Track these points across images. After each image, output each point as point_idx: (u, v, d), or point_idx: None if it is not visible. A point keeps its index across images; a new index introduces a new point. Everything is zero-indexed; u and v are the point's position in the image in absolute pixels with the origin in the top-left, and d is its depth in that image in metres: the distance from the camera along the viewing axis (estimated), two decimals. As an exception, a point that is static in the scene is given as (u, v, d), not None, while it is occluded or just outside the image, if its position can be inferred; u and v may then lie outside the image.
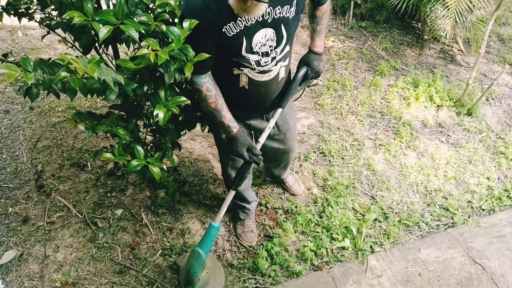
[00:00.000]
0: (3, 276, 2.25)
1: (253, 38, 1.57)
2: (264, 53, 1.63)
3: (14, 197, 2.65)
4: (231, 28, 1.52)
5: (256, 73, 1.70)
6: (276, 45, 1.63)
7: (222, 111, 1.74)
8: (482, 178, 3.09)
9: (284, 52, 1.72)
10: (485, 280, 2.44)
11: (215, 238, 2.04)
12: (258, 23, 1.54)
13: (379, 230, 2.67)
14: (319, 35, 1.91)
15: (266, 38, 1.59)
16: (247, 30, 1.54)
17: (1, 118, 3.20)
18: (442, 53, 4.52)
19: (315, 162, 3.09)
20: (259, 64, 1.65)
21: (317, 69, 1.93)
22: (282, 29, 1.61)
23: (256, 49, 1.60)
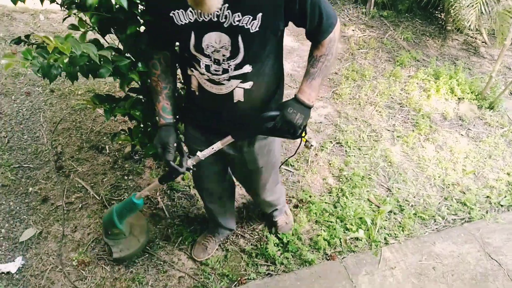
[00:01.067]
0: (23, 253, 2.32)
1: (204, 37, 1.38)
2: (216, 60, 1.43)
3: (34, 177, 2.71)
4: (180, 16, 1.36)
5: (205, 79, 1.50)
6: (230, 56, 1.41)
7: (159, 96, 1.60)
8: (502, 173, 3.03)
9: (241, 71, 1.46)
10: (501, 276, 2.40)
11: (131, 212, 2.02)
12: (213, 24, 1.35)
13: (394, 222, 2.65)
14: (309, 79, 1.50)
15: (220, 44, 1.38)
16: (198, 26, 1.36)
17: (23, 100, 3.26)
18: (465, 45, 4.41)
19: (331, 152, 3.08)
20: (208, 69, 1.46)
21: (289, 117, 1.47)
22: (239, 41, 1.37)
23: (207, 52, 1.41)
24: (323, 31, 1.44)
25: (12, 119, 3.08)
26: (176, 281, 2.27)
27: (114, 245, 2.24)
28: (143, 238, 2.32)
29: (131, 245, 2.27)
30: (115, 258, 2.24)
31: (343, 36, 4.29)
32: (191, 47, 1.42)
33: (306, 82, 1.51)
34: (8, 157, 2.80)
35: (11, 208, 2.52)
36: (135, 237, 2.29)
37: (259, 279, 2.30)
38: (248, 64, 1.45)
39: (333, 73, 3.79)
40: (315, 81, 1.50)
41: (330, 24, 1.44)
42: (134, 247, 2.27)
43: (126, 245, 2.26)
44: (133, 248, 2.27)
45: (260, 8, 1.32)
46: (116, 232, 2.18)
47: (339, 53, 4.05)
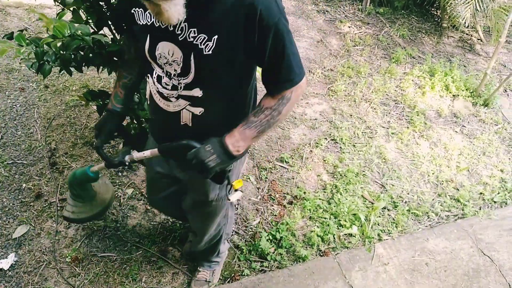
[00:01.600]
0: (15, 250, 2.31)
1: (158, 45, 1.27)
2: (168, 73, 1.31)
3: (28, 173, 2.70)
4: (140, 15, 1.28)
5: (155, 91, 1.39)
6: (180, 73, 1.28)
7: (117, 82, 1.54)
8: (495, 170, 3.05)
9: (191, 93, 1.32)
10: (493, 272, 2.42)
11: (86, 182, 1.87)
12: (168, 33, 1.23)
13: (387, 219, 2.66)
14: (244, 126, 1.30)
15: (173, 57, 1.26)
16: (153, 31, 1.26)
17: (17, 95, 3.24)
18: (460, 42, 4.42)
19: (325, 148, 3.08)
20: (159, 81, 1.35)
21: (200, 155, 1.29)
22: (191, 60, 1.24)
23: (160, 62, 1.30)
24: (279, 82, 1.28)
25: (5, 115, 3.07)
26: (170, 277, 2.28)
27: (69, 205, 2.08)
28: (96, 210, 2.14)
29: (82, 212, 2.11)
30: (63, 216, 2.10)
31: (339, 33, 4.29)
32: (146, 52, 1.32)
33: (240, 127, 1.31)
34: (1, 153, 2.79)
35: (4, 204, 2.51)
36: (91, 206, 2.13)
37: (253, 275, 2.30)
38: (199, 88, 1.31)
39: (329, 70, 3.79)
40: (250, 131, 1.30)
41: (290, 80, 1.27)
42: (84, 215, 2.11)
43: (79, 209, 2.10)
44: (82, 215, 2.11)
45: (217, 30, 1.19)
46: (74, 193, 2.02)
47: (335, 50, 4.05)
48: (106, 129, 1.53)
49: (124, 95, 1.55)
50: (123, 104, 1.56)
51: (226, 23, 1.18)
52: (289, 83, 1.27)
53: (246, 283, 2.24)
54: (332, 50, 4.04)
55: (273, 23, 1.16)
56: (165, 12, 1.13)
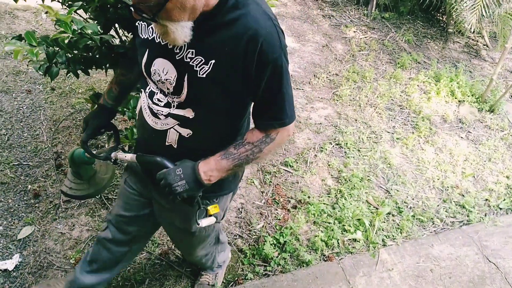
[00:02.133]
0: (20, 250, 2.32)
1: (155, 61, 1.25)
2: (162, 91, 1.28)
3: (34, 174, 2.71)
4: (142, 29, 1.28)
5: (146, 106, 1.35)
6: (173, 92, 1.25)
7: (114, 78, 1.55)
8: (501, 176, 3.03)
9: (183, 112, 1.27)
10: (498, 279, 2.40)
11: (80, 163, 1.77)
12: (166, 50, 1.22)
13: (392, 224, 2.65)
14: (222, 156, 1.27)
15: (166, 76, 1.23)
16: (152, 46, 1.25)
17: (23, 97, 3.27)
18: (466, 48, 4.41)
19: (330, 153, 3.08)
20: (151, 96, 1.31)
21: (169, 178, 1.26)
22: (185, 81, 1.21)
23: (154, 78, 1.27)
24: (268, 119, 1.26)
25: (12, 116, 3.09)
26: (173, 280, 2.27)
27: (68, 180, 2.03)
28: (93, 189, 2.09)
29: (79, 189, 2.07)
30: (61, 190, 2.06)
31: (344, 38, 4.29)
32: (142, 66, 1.30)
33: (218, 156, 1.27)
34: (7, 154, 2.81)
35: (9, 205, 2.53)
36: (88, 185, 2.08)
37: (256, 279, 2.30)
38: (191, 109, 1.26)
39: (334, 75, 3.79)
40: (227, 162, 1.27)
41: (279, 120, 1.25)
42: (80, 192, 2.06)
43: (77, 186, 2.06)
44: (79, 192, 2.06)
45: (216, 54, 1.16)
46: (74, 170, 1.97)
47: (340, 54, 4.05)
48: (94, 124, 1.51)
49: (118, 92, 1.53)
50: (115, 101, 1.54)
51: (226, 49, 1.15)
52: (277, 123, 1.25)
53: (249, 287, 2.23)
54: (337, 55, 4.04)
55: (273, 58, 1.15)
56: (171, 34, 1.12)
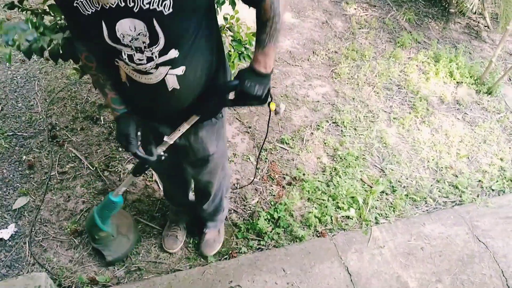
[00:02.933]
0: (15, 220, 2.34)
1: (117, 26, 1.22)
2: (138, 48, 1.28)
3: (28, 145, 2.70)
4: (84, 5, 1.21)
5: (132, 70, 1.35)
6: (150, 42, 1.26)
7: (105, 88, 1.48)
8: (495, 158, 3.05)
9: (167, 57, 1.31)
10: (486, 258, 2.44)
11: (113, 211, 1.92)
12: (120, 10, 1.19)
13: (385, 203, 2.67)
14: (261, 46, 1.40)
15: (137, 31, 1.23)
16: (105, 14, 1.21)
17: (18, 67, 3.22)
18: (467, 28, 4.36)
19: (326, 131, 3.07)
20: (131, 59, 1.31)
21: (247, 90, 1.40)
22: (156, 26, 1.23)
23: (125, 42, 1.26)
24: None
25: (6, 86, 3.05)
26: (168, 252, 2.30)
27: (105, 249, 2.15)
28: (132, 235, 2.24)
29: (122, 245, 2.19)
30: (109, 261, 2.16)
31: (345, 15, 4.23)
32: (106, 38, 1.26)
33: (259, 50, 1.41)
34: (2, 124, 2.79)
35: (4, 175, 2.53)
36: (124, 236, 2.21)
37: (250, 253, 2.33)
38: (174, 49, 1.30)
39: (333, 52, 3.75)
40: (267, 47, 1.39)
41: None
42: (126, 247, 2.20)
43: (117, 246, 2.17)
44: (125, 248, 2.20)
45: None
46: (103, 235, 2.08)
47: (340, 32, 4.00)
48: (131, 134, 1.49)
49: (119, 95, 1.51)
50: (124, 103, 1.52)
51: None
52: None
53: (243, 260, 2.27)
54: (337, 32, 3.99)
55: None
56: None
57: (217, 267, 2.22)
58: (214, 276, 2.18)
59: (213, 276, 2.17)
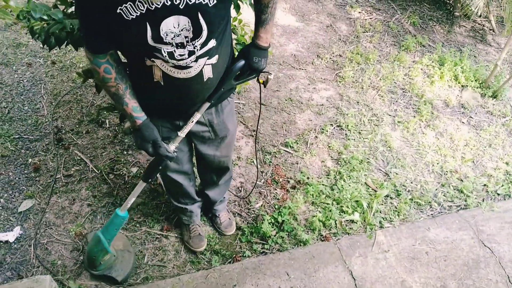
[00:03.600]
0: (21, 223, 2.35)
1: (161, 25, 1.27)
2: (179, 44, 1.34)
3: (34, 148, 2.72)
4: (129, 9, 1.23)
5: (170, 67, 1.41)
6: (193, 36, 1.33)
7: (124, 98, 1.50)
8: (500, 162, 3.03)
9: (207, 47, 1.41)
10: (492, 264, 2.43)
11: (120, 227, 1.92)
12: (166, 8, 1.24)
13: (389, 207, 2.66)
14: (263, 25, 1.60)
15: (180, 27, 1.29)
16: (151, 15, 1.25)
17: (24, 70, 3.24)
18: (472, 32, 4.35)
19: (331, 134, 3.07)
20: (172, 56, 1.36)
21: (256, 66, 1.62)
22: (200, 19, 1.30)
23: (167, 40, 1.31)
24: None
25: (12, 89, 3.08)
26: (172, 256, 2.31)
27: (112, 271, 2.11)
28: (130, 247, 2.23)
29: (126, 260, 2.16)
30: (122, 280, 2.12)
31: (349, 18, 4.23)
32: (149, 39, 1.30)
33: (261, 28, 1.61)
34: (8, 127, 2.81)
35: (10, 178, 2.54)
36: (123, 251, 2.19)
37: (254, 257, 2.33)
38: (213, 39, 1.40)
39: (337, 55, 3.75)
40: (268, 25, 1.61)
41: None
42: (130, 260, 2.18)
43: (121, 262, 2.15)
44: (130, 262, 2.17)
45: None
46: (106, 258, 2.06)
47: (344, 35, 4.00)
48: (158, 139, 1.57)
49: (137, 102, 1.54)
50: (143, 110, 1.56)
51: None
52: None
53: (247, 264, 2.27)
54: (341, 36, 4.00)
55: None
56: None
57: (221, 271, 2.22)
58: (218, 279, 2.18)
59: (217, 280, 2.18)
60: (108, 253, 2.02)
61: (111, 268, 2.12)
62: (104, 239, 1.92)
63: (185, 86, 1.50)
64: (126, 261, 2.17)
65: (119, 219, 1.86)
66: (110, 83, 1.46)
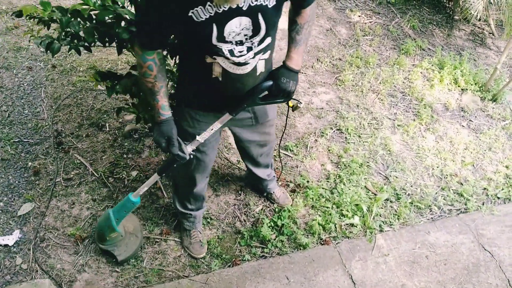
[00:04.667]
0: (20, 226, 2.35)
1: (226, 26, 1.39)
2: (238, 42, 1.45)
3: (34, 152, 2.72)
4: (199, 13, 1.35)
5: (230, 63, 1.52)
6: (252, 35, 1.45)
7: (158, 95, 1.60)
8: (500, 166, 3.03)
9: (264, 44, 1.52)
10: (492, 267, 2.42)
11: (130, 211, 2.04)
12: (232, 11, 1.36)
13: (389, 210, 2.66)
14: (297, 46, 1.65)
15: (241, 27, 1.41)
16: (218, 17, 1.37)
17: (24, 74, 3.25)
18: (472, 35, 4.36)
19: (331, 138, 3.07)
20: (232, 53, 1.48)
21: (284, 87, 1.63)
22: (260, 19, 1.42)
23: (229, 39, 1.43)
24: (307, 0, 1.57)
25: (13, 93, 3.08)
26: (171, 259, 2.30)
27: (116, 249, 2.20)
28: (139, 233, 2.30)
29: (132, 243, 2.25)
30: (121, 260, 2.20)
31: (349, 22, 4.24)
32: (214, 39, 1.41)
33: (294, 49, 1.65)
34: (8, 131, 2.81)
35: (10, 182, 2.54)
36: (132, 234, 2.27)
37: (253, 260, 2.33)
38: (269, 37, 1.51)
39: (337, 59, 3.76)
40: (301, 47, 1.64)
41: None
42: (135, 244, 2.25)
43: (126, 245, 2.23)
44: (135, 245, 2.25)
45: None
46: (114, 236, 2.15)
47: (344, 39, 4.01)
48: (173, 136, 1.65)
49: (168, 101, 1.64)
50: (170, 108, 1.67)
51: None
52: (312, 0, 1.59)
53: (246, 268, 2.26)
54: (341, 39, 4.00)
55: None
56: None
57: (220, 275, 2.21)
58: (217, 283, 2.17)
59: (217, 284, 2.17)
60: (115, 231, 2.10)
61: (116, 247, 2.21)
62: (113, 218, 2.03)
63: (241, 81, 1.60)
64: (131, 244, 2.25)
65: (130, 203, 1.97)
66: (149, 79, 1.55)
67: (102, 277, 2.19)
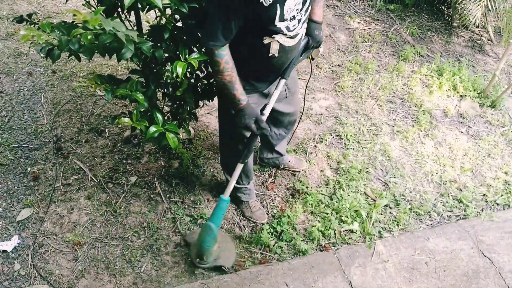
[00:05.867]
0: (19, 232, 2.34)
1: (285, 6, 1.57)
2: (292, 17, 1.63)
3: (33, 157, 2.72)
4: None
5: (287, 38, 1.71)
6: (301, 7, 1.65)
7: (236, 84, 1.73)
8: (499, 172, 3.04)
9: (308, 13, 1.74)
10: (492, 274, 2.42)
11: (225, 212, 2.08)
12: None
13: (389, 216, 2.66)
14: (317, 3, 1.92)
15: (295, 2, 1.60)
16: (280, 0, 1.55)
17: (24, 79, 3.26)
18: (470, 42, 4.38)
19: (330, 144, 3.08)
20: (289, 29, 1.66)
21: (318, 38, 1.95)
22: None
23: (286, 16, 1.61)
24: None
25: (13, 98, 3.09)
26: (170, 265, 2.29)
27: (220, 259, 2.21)
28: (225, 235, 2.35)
29: (228, 241, 2.29)
30: (232, 266, 2.23)
31: (348, 28, 4.26)
32: (277, 20, 1.58)
33: (316, 6, 1.92)
34: (7, 136, 2.81)
35: (9, 187, 2.54)
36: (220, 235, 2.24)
37: (252, 267, 2.32)
38: (310, 4, 1.72)
39: (336, 65, 3.77)
40: (321, 2, 1.93)
41: None
42: (231, 241, 2.30)
43: (226, 247, 2.25)
44: (232, 242, 2.29)
45: None
46: (214, 248, 2.16)
47: (343, 45, 4.03)
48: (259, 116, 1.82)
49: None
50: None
51: None
52: None
53: (245, 274, 2.25)
54: (340, 46, 4.02)
55: None
56: None
57: (219, 281, 2.20)
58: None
59: (216, 290, 2.16)
60: (217, 241, 2.12)
61: (218, 258, 2.22)
62: (215, 227, 2.04)
63: (291, 51, 1.81)
64: (229, 243, 2.30)
65: (225, 203, 2.03)
66: (228, 72, 1.68)
67: (101, 283, 2.18)
